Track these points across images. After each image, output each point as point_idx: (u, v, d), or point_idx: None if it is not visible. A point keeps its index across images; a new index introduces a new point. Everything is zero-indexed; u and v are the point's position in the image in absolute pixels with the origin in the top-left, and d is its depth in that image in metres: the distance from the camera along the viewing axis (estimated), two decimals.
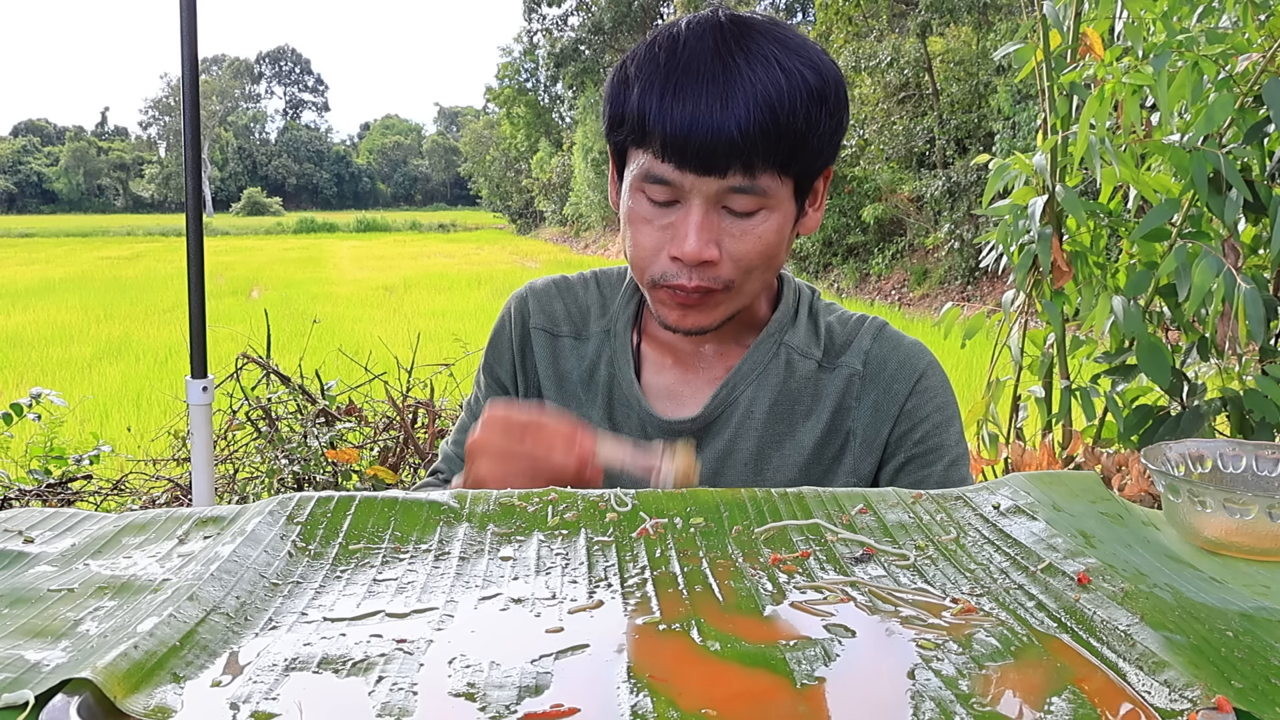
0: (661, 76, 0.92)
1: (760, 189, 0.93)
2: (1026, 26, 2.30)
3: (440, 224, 45.71)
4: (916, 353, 1.09)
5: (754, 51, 0.91)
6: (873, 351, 1.08)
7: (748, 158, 0.91)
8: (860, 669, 0.54)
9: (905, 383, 1.07)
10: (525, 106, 35.19)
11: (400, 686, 0.52)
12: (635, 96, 0.93)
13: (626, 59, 0.98)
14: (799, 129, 0.91)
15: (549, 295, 1.15)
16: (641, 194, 0.97)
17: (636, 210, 0.97)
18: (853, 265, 13.89)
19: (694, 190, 0.93)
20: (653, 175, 0.94)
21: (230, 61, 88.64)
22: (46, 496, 3.32)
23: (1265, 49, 1.98)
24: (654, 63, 0.93)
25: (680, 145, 0.91)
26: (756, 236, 0.96)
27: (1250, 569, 0.70)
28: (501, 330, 1.16)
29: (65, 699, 0.48)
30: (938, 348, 1.28)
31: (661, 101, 0.91)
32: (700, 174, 0.92)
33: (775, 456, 1.06)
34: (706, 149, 0.90)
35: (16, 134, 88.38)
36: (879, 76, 13.82)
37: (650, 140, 0.93)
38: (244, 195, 61.58)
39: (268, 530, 0.73)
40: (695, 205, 0.94)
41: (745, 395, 1.06)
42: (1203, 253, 1.96)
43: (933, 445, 1.06)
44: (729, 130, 0.89)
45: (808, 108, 0.91)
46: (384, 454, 3.38)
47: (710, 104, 0.89)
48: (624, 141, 0.97)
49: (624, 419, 1.08)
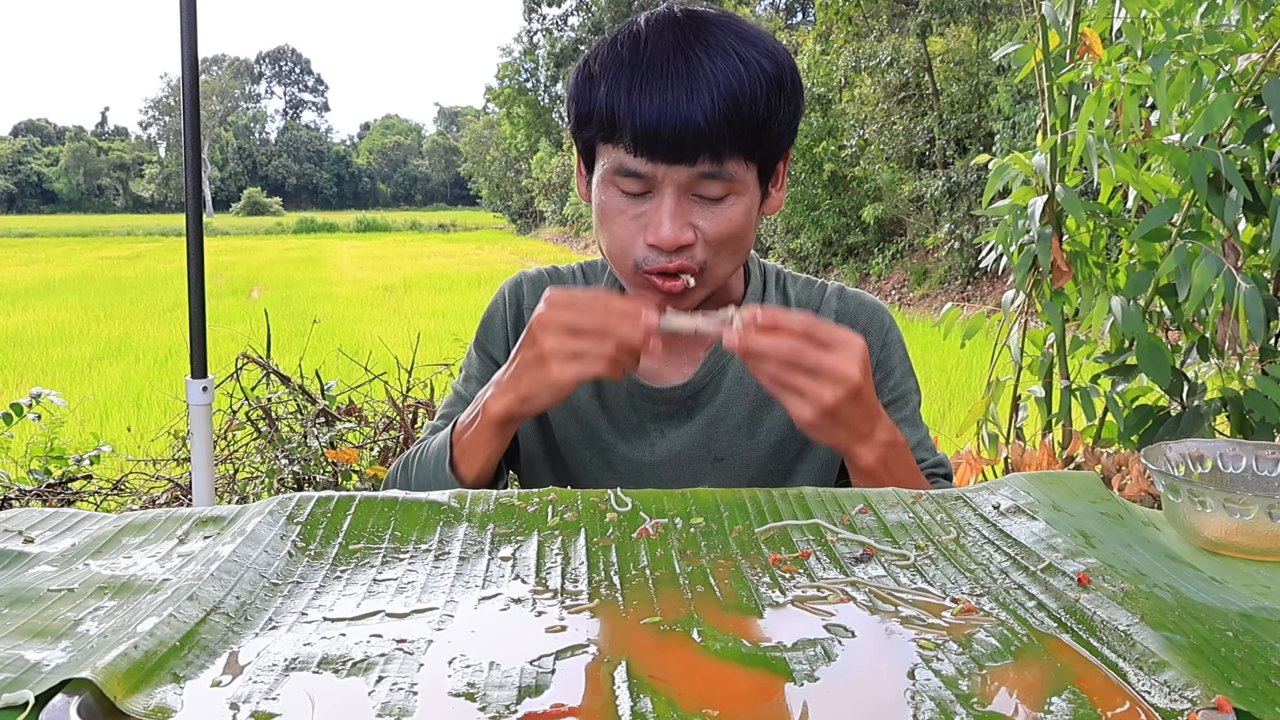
0: (627, 73, 0.95)
1: (728, 174, 0.97)
2: (1026, 26, 2.30)
3: (440, 224, 45.70)
4: (880, 309, 1.19)
5: (713, 44, 0.95)
6: (841, 309, 1.17)
7: (715, 146, 0.95)
8: (860, 669, 0.54)
9: (877, 335, 1.16)
10: (525, 106, 35.17)
11: (400, 686, 0.52)
12: (603, 94, 0.96)
13: (588, 57, 1.01)
14: (761, 116, 0.96)
15: (542, 283, 1.20)
16: (614, 187, 1.00)
17: (610, 203, 1.01)
18: (853, 265, 13.88)
19: (665, 180, 0.97)
20: (624, 169, 0.97)
21: (230, 61, 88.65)
22: (46, 496, 3.32)
23: (1265, 49, 1.98)
24: (618, 60, 0.96)
25: (650, 138, 0.94)
26: (727, 219, 0.99)
27: (1250, 569, 0.70)
28: (495, 312, 1.20)
29: (65, 699, 0.48)
30: (938, 348, 1.30)
31: (629, 97, 0.94)
32: (671, 164, 0.95)
33: (767, 418, 1.12)
34: (676, 140, 0.94)
35: (16, 134, 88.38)
36: (879, 76, 13.81)
37: (620, 135, 0.96)
38: (244, 195, 61.58)
39: (268, 530, 0.73)
40: (667, 194, 0.97)
41: (735, 361, 1.11)
42: (1203, 253, 1.96)
43: (902, 391, 1.16)
44: (696, 120, 0.93)
45: (768, 95, 0.96)
46: (384, 454, 3.37)
47: (676, 96, 0.93)
48: (592, 138, 1.00)
49: (612, 392, 1.13)
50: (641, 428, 1.12)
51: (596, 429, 1.13)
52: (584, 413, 1.13)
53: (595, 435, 1.13)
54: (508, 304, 1.20)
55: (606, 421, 1.13)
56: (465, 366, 1.22)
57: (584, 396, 1.13)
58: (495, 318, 1.20)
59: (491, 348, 1.19)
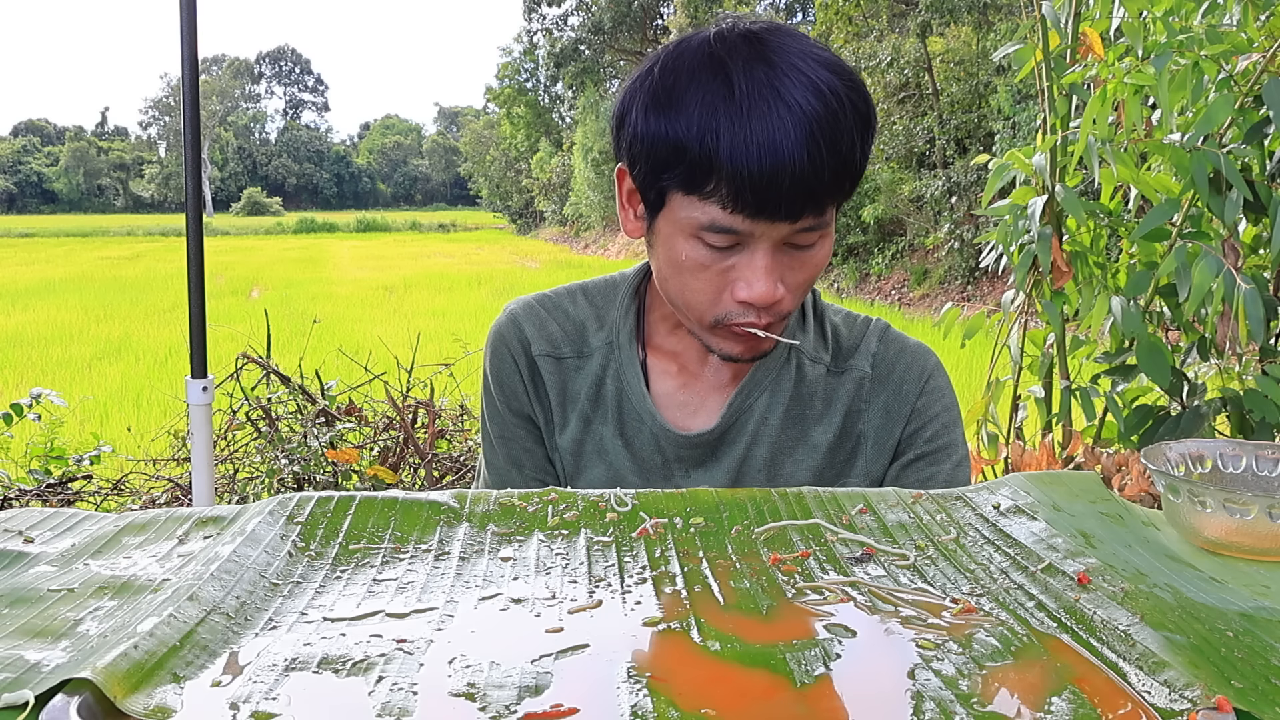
0: (727, 120, 0.85)
1: (825, 223, 0.92)
2: (1026, 26, 2.30)
3: (440, 224, 45.68)
4: (923, 354, 1.10)
5: (806, 83, 0.86)
6: (880, 354, 1.08)
7: (819, 198, 0.88)
8: (860, 669, 0.54)
9: (914, 383, 1.07)
10: (525, 106, 35.17)
11: (400, 686, 0.52)
12: (695, 142, 0.86)
13: (657, 91, 0.90)
14: (857, 159, 0.89)
15: (540, 318, 1.11)
16: (699, 241, 0.92)
17: (694, 258, 0.92)
18: (853, 265, 13.89)
19: (763, 236, 0.90)
20: (717, 226, 0.89)
21: (230, 61, 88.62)
22: (46, 496, 3.32)
23: (1265, 49, 1.98)
24: (707, 102, 0.86)
25: (759, 197, 0.86)
26: (814, 265, 0.95)
27: (1250, 569, 0.70)
28: (503, 366, 1.11)
29: (65, 699, 0.48)
30: (938, 348, 1.29)
31: (734, 149, 0.85)
32: (774, 220, 0.88)
33: (789, 461, 1.06)
34: (785, 196, 0.86)
35: (16, 134, 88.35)
36: (879, 76, 13.80)
37: (715, 189, 0.87)
38: (244, 195, 61.56)
39: (268, 530, 0.73)
40: (761, 250, 0.91)
41: (760, 402, 1.06)
42: (1203, 253, 1.96)
43: (941, 444, 1.07)
44: (805, 174, 0.85)
45: (861, 135, 0.89)
46: (384, 454, 3.37)
47: (784, 151, 0.85)
48: (670, 185, 0.91)
49: (636, 433, 1.07)
50: (667, 470, 1.07)
51: (621, 471, 1.07)
52: (610, 455, 1.08)
53: (620, 478, 1.07)
54: (515, 354, 1.10)
55: (632, 463, 1.07)
56: (493, 434, 1.12)
57: (610, 439, 1.07)
58: (505, 374, 1.10)
59: (517, 404, 1.10)
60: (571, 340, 1.10)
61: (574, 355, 1.10)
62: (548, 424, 1.11)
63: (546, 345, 1.10)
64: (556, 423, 1.10)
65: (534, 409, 1.10)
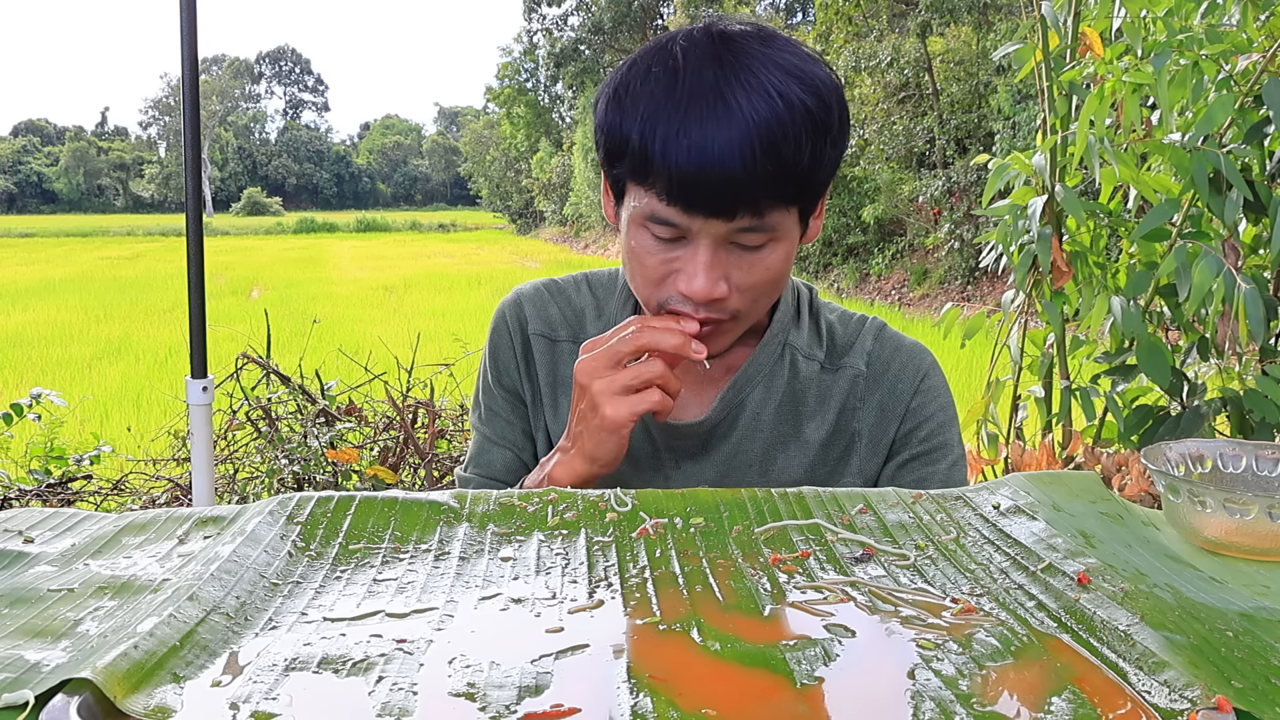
0: (664, 117, 0.88)
1: (769, 226, 0.91)
2: (1026, 26, 2.30)
3: (440, 224, 45.70)
4: (918, 353, 1.10)
5: (754, 85, 0.87)
6: (875, 352, 1.09)
7: (755, 200, 0.89)
8: (860, 669, 0.54)
9: (909, 382, 1.07)
10: (525, 106, 35.19)
11: (400, 686, 0.52)
12: (636, 136, 0.89)
13: (618, 86, 0.93)
14: (805, 165, 0.89)
15: (542, 300, 1.14)
16: (645, 230, 0.94)
17: (643, 246, 0.95)
18: (853, 265, 13.89)
19: (701, 231, 0.91)
20: (657, 217, 0.92)
21: (230, 61, 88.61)
22: (46, 496, 3.32)
23: (1266, 49, 1.98)
24: (653, 98, 0.89)
25: (686, 191, 0.88)
26: (765, 268, 0.94)
27: (1250, 569, 0.70)
28: (500, 341, 1.14)
29: (65, 699, 0.48)
30: (937, 348, 1.29)
31: (664, 145, 0.87)
32: (707, 217, 0.90)
33: (781, 457, 1.06)
34: (714, 195, 0.88)
35: (16, 134, 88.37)
36: (879, 76, 13.80)
37: (653, 183, 0.90)
38: (244, 195, 61.58)
39: (268, 530, 0.73)
40: (703, 245, 0.92)
41: (753, 397, 1.06)
42: (1203, 253, 1.96)
43: (937, 444, 1.07)
44: (736, 175, 0.86)
45: (813, 143, 0.89)
46: (384, 454, 3.38)
47: (714, 147, 0.86)
48: (622, 175, 0.94)
49: None
50: (657, 460, 1.08)
51: None
52: None
53: None
54: (511, 330, 1.13)
55: None
56: (482, 405, 1.15)
57: None
58: (501, 348, 1.13)
59: (507, 379, 1.13)
60: (569, 325, 1.13)
61: (569, 340, 1.12)
62: (534, 403, 1.13)
63: (543, 326, 1.13)
64: (546, 405, 1.12)
65: (523, 386, 1.13)
